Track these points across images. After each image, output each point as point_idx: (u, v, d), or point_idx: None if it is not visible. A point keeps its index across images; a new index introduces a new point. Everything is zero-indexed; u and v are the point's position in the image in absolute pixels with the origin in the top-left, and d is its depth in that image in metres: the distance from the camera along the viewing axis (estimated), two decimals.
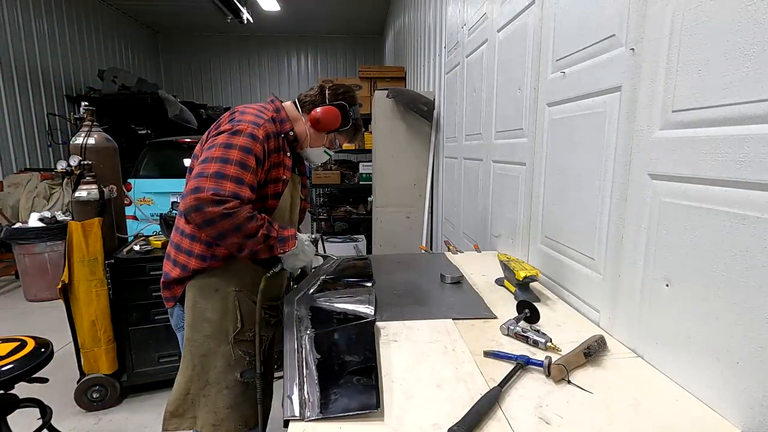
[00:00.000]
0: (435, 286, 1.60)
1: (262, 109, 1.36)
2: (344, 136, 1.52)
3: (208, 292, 1.34)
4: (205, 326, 1.34)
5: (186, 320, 1.35)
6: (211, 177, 1.17)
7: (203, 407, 1.35)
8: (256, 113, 1.32)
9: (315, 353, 1.04)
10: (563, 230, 1.47)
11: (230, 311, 1.35)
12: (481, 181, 2.41)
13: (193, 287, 1.34)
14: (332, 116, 1.41)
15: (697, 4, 0.87)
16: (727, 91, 0.80)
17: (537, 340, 1.09)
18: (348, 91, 1.47)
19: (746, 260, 0.76)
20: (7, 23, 5.80)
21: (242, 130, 1.24)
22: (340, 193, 6.53)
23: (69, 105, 6.94)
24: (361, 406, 0.83)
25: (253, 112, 1.32)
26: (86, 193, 2.27)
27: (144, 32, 9.54)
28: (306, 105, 1.45)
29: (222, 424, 1.35)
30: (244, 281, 1.38)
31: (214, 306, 1.34)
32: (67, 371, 2.51)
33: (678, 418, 0.81)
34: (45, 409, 1.75)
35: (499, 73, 2.09)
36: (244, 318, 1.37)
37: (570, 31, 1.40)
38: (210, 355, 1.35)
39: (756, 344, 0.74)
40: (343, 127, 1.46)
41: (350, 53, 10.36)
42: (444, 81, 3.44)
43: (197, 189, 1.15)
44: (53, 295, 3.94)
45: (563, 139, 1.46)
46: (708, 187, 0.85)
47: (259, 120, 1.29)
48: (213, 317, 1.34)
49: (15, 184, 5.22)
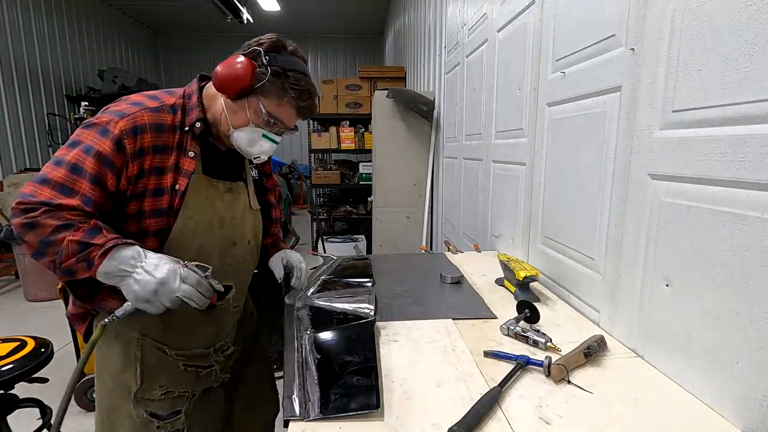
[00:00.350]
0: (435, 286, 1.60)
1: (157, 96, 1.03)
2: (271, 99, 1.02)
3: (109, 337, 1.06)
4: (106, 378, 1.08)
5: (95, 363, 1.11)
6: (33, 181, 0.89)
7: None
8: (135, 101, 1.00)
9: (315, 353, 1.04)
10: (563, 230, 1.47)
11: (132, 364, 1.06)
12: (481, 181, 2.41)
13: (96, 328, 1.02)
14: (234, 67, 0.98)
15: (697, 4, 0.87)
16: (727, 91, 0.80)
17: (537, 340, 1.09)
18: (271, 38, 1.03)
19: (746, 260, 0.76)
20: (7, 23, 5.80)
21: (97, 123, 0.94)
22: (340, 193, 6.54)
23: (69, 105, 6.95)
24: (361, 406, 0.83)
25: (133, 99, 1.01)
26: None
27: (144, 32, 9.54)
28: None
29: None
30: (151, 325, 1.06)
31: (115, 355, 1.07)
32: (67, 371, 2.50)
33: (678, 418, 0.81)
34: (45, 409, 1.76)
35: (499, 73, 2.09)
36: (145, 372, 1.06)
37: (570, 31, 1.40)
38: (115, 411, 1.08)
39: (756, 344, 0.74)
40: (258, 83, 0.99)
41: (350, 53, 10.37)
42: (444, 81, 3.44)
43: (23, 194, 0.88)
44: (53, 295, 3.94)
45: (563, 139, 1.46)
46: (708, 187, 0.85)
47: (131, 109, 0.96)
48: (114, 368, 1.07)
49: (15, 184, 5.22)
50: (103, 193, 0.93)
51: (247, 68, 0.98)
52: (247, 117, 1.03)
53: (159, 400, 1.08)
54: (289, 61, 1.03)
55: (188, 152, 1.03)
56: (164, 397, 1.09)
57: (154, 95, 1.04)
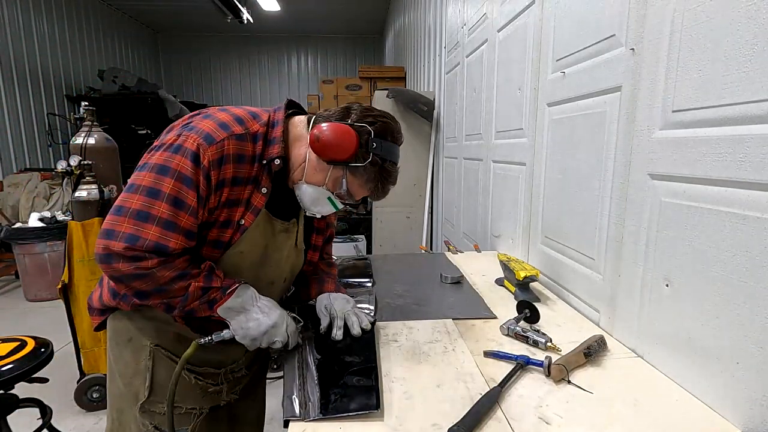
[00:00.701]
0: (435, 286, 1.60)
1: (242, 119, 0.97)
2: (358, 179, 1.01)
3: (121, 340, 1.04)
4: (117, 380, 1.06)
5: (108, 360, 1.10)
6: (131, 217, 0.86)
7: None
8: (223, 122, 0.94)
9: (315, 353, 1.04)
10: (563, 230, 1.47)
11: (142, 372, 1.03)
12: (481, 181, 2.41)
13: (110, 326, 1.07)
14: (340, 137, 0.94)
15: (697, 4, 0.87)
16: (727, 91, 0.80)
17: (537, 340, 1.09)
18: (382, 116, 1.02)
19: (746, 260, 0.76)
20: (7, 23, 5.80)
21: (186, 146, 0.89)
22: None
23: (69, 105, 6.95)
24: (361, 406, 0.83)
25: (220, 119, 0.94)
26: (86, 193, 2.27)
27: (144, 32, 9.54)
28: (319, 121, 1.00)
29: None
30: (165, 335, 1.05)
31: (126, 359, 1.05)
32: (67, 371, 2.51)
33: (678, 418, 0.81)
34: (45, 409, 1.75)
35: (499, 73, 2.09)
36: (155, 384, 1.03)
37: (570, 31, 1.40)
38: (124, 413, 1.07)
39: (756, 344, 0.74)
40: (355, 162, 0.97)
41: (350, 53, 10.36)
42: (444, 81, 3.44)
43: (110, 233, 0.85)
44: (53, 295, 3.94)
45: (563, 139, 1.46)
46: (708, 187, 0.85)
47: (219, 134, 0.91)
48: (125, 372, 1.05)
49: (15, 184, 5.22)
50: (197, 224, 0.93)
51: (351, 145, 0.95)
52: (324, 181, 1.00)
53: (163, 414, 1.02)
54: (391, 151, 1.02)
55: (261, 188, 0.99)
56: None
57: (240, 117, 0.97)
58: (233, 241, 0.99)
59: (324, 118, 1.01)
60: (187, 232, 0.90)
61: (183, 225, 0.89)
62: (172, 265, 0.89)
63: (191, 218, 0.90)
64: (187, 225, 0.90)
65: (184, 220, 0.89)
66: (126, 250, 0.85)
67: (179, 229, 0.89)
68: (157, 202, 0.87)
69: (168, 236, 0.87)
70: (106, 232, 0.87)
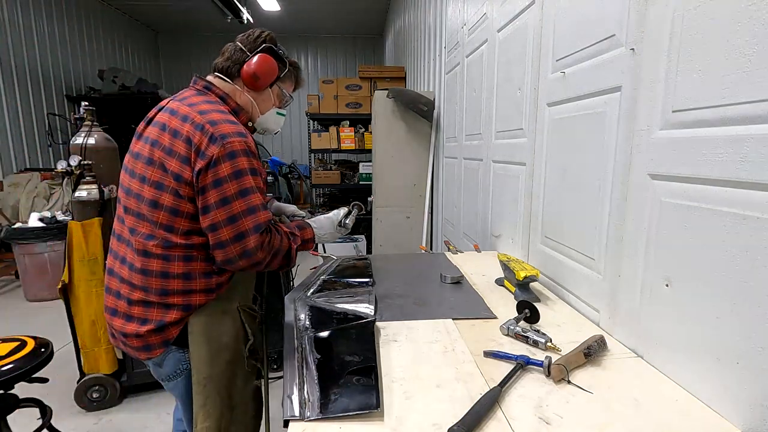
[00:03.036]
0: (435, 286, 1.60)
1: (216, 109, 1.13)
2: (288, 83, 1.32)
3: (217, 318, 1.18)
4: (225, 353, 1.19)
5: (199, 358, 1.16)
6: (246, 216, 1.08)
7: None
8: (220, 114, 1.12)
9: (315, 353, 1.04)
10: (563, 230, 1.47)
11: (240, 329, 1.23)
12: (481, 181, 2.41)
13: (199, 320, 1.16)
14: (267, 64, 1.20)
15: (698, 5, 0.87)
16: (727, 91, 0.80)
17: (537, 340, 1.09)
18: (262, 32, 1.25)
19: (746, 260, 0.76)
20: (7, 23, 5.80)
21: (237, 148, 1.08)
22: (340, 193, 6.54)
23: (69, 105, 6.94)
24: (361, 405, 0.83)
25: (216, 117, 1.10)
26: (86, 193, 2.27)
27: (144, 32, 9.54)
28: (233, 70, 1.21)
29: None
30: (241, 294, 1.27)
31: (228, 330, 1.20)
32: (67, 371, 2.51)
33: (678, 418, 0.81)
34: (45, 409, 1.76)
35: (499, 73, 2.09)
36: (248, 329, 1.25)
37: (570, 31, 1.40)
38: (233, 379, 1.21)
39: (756, 344, 0.74)
40: (282, 72, 1.26)
41: (350, 53, 10.36)
42: (444, 81, 3.44)
43: (240, 236, 1.08)
44: (53, 295, 3.94)
45: (563, 139, 1.46)
46: (708, 187, 0.85)
47: (240, 128, 1.12)
48: (229, 342, 1.20)
49: (15, 184, 5.22)
50: None
51: (274, 64, 1.22)
52: (272, 102, 1.29)
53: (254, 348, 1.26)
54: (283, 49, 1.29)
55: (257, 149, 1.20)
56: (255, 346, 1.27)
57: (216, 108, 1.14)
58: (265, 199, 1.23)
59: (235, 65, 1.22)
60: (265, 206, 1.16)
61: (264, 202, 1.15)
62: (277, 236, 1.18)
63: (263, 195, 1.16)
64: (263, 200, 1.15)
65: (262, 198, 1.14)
66: (260, 239, 1.11)
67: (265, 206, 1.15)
68: (250, 197, 1.10)
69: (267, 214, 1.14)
70: (236, 236, 1.08)
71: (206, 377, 1.16)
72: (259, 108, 1.27)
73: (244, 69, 1.19)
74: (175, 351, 1.17)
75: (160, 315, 1.13)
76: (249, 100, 1.24)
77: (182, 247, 1.11)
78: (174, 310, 1.13)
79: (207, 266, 1.14)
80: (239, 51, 1.21)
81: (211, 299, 1.16)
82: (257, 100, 1.25)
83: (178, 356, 1.18)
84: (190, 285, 1.13)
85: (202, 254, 1.13)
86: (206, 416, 1.16)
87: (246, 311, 1.25)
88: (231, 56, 1.22)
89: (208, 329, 1.16)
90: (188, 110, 1.11)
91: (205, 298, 1.15)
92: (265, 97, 1.26)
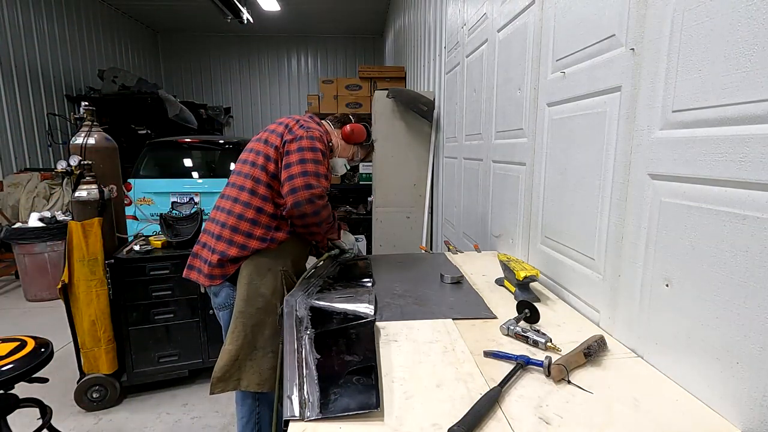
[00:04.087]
0: (435, 286, 1.60)
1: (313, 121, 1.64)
2: (363, 151, 1.87)
3: (263, 271, 1.54)
4: (259, 300, 1.52)
5: (240, 295, 1.52)
6: (313, 176, 1.47)
7: (249, 369, 1.52)
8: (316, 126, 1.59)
9: (315, 353, 1.04)
10: (563, 230, 1.47)
11: (278, 288, 1.54)
12: (481, 181, 2.41)
13: (249, 266, 1.53)
14: (360, 131, 1.79)
15: (697, 4, 0.87)
16: (727, 91, 0.80)
17: (537, 340, 1.09)
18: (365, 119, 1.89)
19: (746, 260, 0.76)
20: (7, 23, 5.80)
21: (317, 137, 1.53)
22: (340, 193, 6.53)
23: (69, 105, 6.95)
24: (361, 405, 0.83)
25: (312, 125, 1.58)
26: (86, 193, 2.27)
27: (144, 32, 9.55)
28: (336, 123, 1.81)
29: (266, 383, 1.54)
30: (288, 261, 1.60)
31: (267, 283, 1.54)
32: (67, 371, 2.51)
33: (678, 418, 0.81)
34: (45, 409, 1.75)
35: (499, 73, 2.09)
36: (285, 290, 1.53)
37: (570, 31, 1.40)
38: (260, 325, 1.53)
39: (756, 344, 0.74)
40: (365, 142, 1.83)
41: (350, 53, 10.36)
42: (444, 81, 3.44)
43: (309, 185, 1.46)
44: (53, 295, 3.95)
45: (563, 139, 1.46)
46: (708, 187, 0.85)
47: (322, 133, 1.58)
48: (266, 293, 1.53)
49: (15, 184, 5.23)
50: None
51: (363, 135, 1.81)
52: (348, 155, 1.84)
53: None
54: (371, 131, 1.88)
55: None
56: None
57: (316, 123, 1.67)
58: None
59: (340, 122, 1.82)
60: None
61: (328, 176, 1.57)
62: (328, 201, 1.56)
63: None
64: None
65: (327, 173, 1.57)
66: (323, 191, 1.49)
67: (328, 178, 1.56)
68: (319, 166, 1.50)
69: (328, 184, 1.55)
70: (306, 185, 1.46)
71: (240, 311, 1.51)
72: (339, 152, 1.80)
73: (347, 125, 1.78)
74: (228, 287, 1.57)
75: (224, 247, 1.52)
76: (337, 142, 1.78)
77: (260, 198, 1.52)
78: (235, 247, 1.52)
79: (270, 221, 1.54)
80: (345, 117, 1.85)
81: (263, 247, 1.53)
82: (341, 147, 1.80)
83: (229, 291, 1.57)
84: (252, 230, 1.52)
85: (270, 209, 1.53)
86: (231, 341, 1.50)
87: (288, 277, 1.58)
88: (339, 117, 1.85)
89: (251, 275, 1.52)
90: (294, 116, 1.63)
91: (259, 245, 1.53)
92: (346, 148, 1.82)
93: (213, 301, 1.64)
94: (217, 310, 1.64)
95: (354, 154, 1.85)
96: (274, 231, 1.54)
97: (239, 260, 1.53)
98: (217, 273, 1.53)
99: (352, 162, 1.87)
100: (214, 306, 1.65)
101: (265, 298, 1.53)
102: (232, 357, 1.49)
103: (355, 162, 1.89)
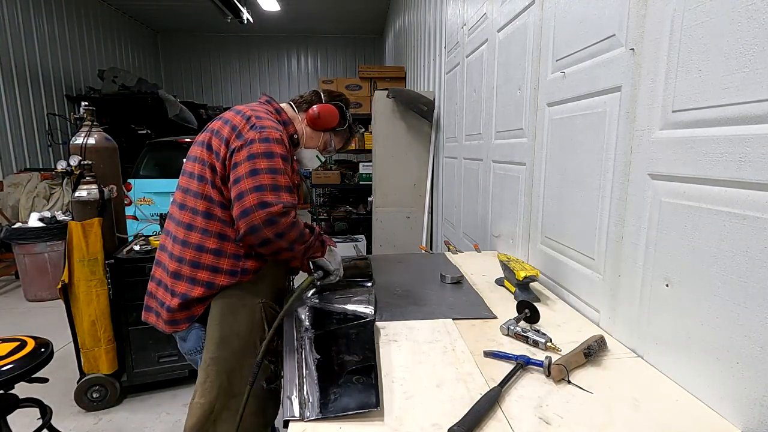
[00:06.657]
0: (435, 286, 1.60)
1: (267, 113, 1.31)
2: (339, 138, 1.52)
3: (236, 307, 1.26)
4: (234, 342, 1.25)
5: (211, 338, 1.24)
6: (269, 190, 1.16)
7: (225, 420, 1.24)
8: (268, 117, 1.29)
9: (315, 353, 1.04)
10: (563, 230, 1.47)
11: (257, 324, 1.29)
12: (481, 181, 2.41)
13: (219, 304, 1.25)
14: (330, 113, 1.43)
15: (697, 4, 0.87)
16: (727, 91, 0.80)
17: (537, 340, 1.09)
18: (342, 95, 1.52)
19: (746, 260, 0.76)
20: (7, 23, 5.80)
21: (273, 137, 1.22)
22: (340, 193, 6.53)
23: (69, 105, 6.95)
24: (361, 405, 0.83)
25: (263, 115, 1.28)
26: (86, 193, 2.27)
27: (144, 32, 9.54)
28: (302, 105, 1.46)
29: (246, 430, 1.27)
30: (267, 291, 1.33)
31: (243, 320, 1.26)
32: (67, 371, 2.51)
33: (678, 418, 0.81)
34: (45, 409, 1.75)
35: (499, 73, 2.09)
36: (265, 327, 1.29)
37: (570, 31, 1.40)
38: (237, 369, 1.25)
39: (756, 344, 0.74)
40: (339, 127, 1.48)
41: (350, 53, 10.37)
42: (444, 81, 3.44)
43: (264, 203, 1.14)
44: (53, 295, 3.95)
45: (563, 139, 1.46)
46: (708, 187, 0.85)
47: (279, 126, 1.28)
48: (242, 331, 1.26)
49: (15, 184, 5.23)
50: None
51: (335, 116, 1.45)
52: (317, 144, 1.48)
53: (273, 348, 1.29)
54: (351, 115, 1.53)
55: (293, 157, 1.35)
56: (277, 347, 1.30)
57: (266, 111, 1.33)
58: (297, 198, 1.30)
59: (305, 102, 1.46)
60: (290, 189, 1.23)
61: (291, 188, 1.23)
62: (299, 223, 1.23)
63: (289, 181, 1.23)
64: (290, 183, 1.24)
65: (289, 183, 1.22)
66: (283, 208, 1.16)
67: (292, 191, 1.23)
68: (278, 176, 1.19)
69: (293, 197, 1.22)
70: (260, 204, 1.14)
71: (212, 357, 1.23)
72: (305, 141, 1.46)
73: (312, 108, 1.42)
74: (198, 328, 1.29)
75: (185, 288, 1.24)
76: (302, 130, 1.44)
77: (219, 221, 1.23)
78: (199, 286, 1.23)
79: (237, 249, 1.25)
80: (316, 95, 1.47)
81: (233, 282, 1.25)
82: (307, 136, 1.45)
83: (200, 333, 1.29)
84: (218, 263, 1.24)
85: (234, 234, 1.23)
86: (203, 393, 1.22)
87: (269, 309, 1.32)
88: (307, 96, 1.48)
89: (223, 314, 1.25)
90: (244, 108, 1.30)
91: (228, 280, 1.25)
92: (315, 136, 1.46)
93: (181, 347, 1.36)
94: (188, 355, 1.36)
95: (326, 142, 1.48)
96: (244, 260, 1.25)
97: (207, 299, 1.26)
98: (180, 317, 1.26)
99: (326, 152, 1.52)
100: (183, 352, 1.36)
101: (241, 339, 1.25)
102: (206, 412, 1.21)
103: (330, 152, 1.53)
